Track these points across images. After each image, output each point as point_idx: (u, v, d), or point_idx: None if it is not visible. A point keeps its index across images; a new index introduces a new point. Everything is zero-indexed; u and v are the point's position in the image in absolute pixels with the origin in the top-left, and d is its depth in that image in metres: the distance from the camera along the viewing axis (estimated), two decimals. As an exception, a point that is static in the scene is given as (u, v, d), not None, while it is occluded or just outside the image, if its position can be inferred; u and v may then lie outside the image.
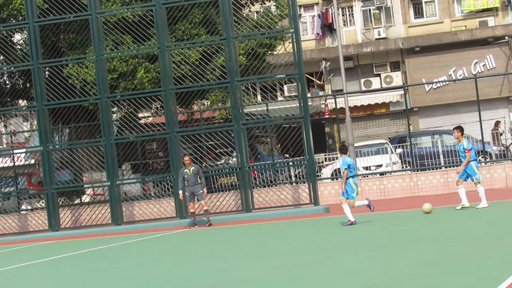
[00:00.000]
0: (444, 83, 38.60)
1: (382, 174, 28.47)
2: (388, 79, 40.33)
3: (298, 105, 24.90)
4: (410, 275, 10.15)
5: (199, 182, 23.03)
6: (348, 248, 14.13)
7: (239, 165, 24.96)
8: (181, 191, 23.25)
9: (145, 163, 32.93)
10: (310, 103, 33.77)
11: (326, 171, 29.36)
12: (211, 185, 28.79)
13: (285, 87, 40.10)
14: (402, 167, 30.00)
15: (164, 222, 25.54)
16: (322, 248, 14.66)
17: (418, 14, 40.96)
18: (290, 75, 27.53)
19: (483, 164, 27.44)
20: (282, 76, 29.64)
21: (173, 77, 25.85)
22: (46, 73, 28.55)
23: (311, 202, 24.60)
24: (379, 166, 29.42)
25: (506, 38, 38.94)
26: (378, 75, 40.65)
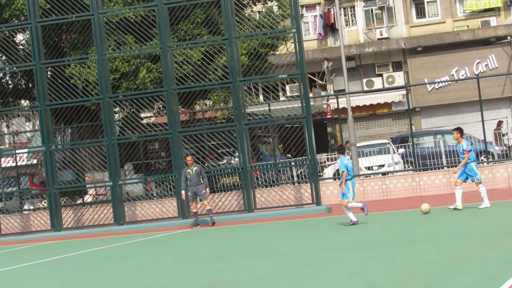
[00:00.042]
0: (446, 83, 38.59)
1: (384, 174, 28.48)
2: (390, 79, 40.33)
3: (300, 105, 24.90)
4: (412, 275, 10.15)
5: (202, 182, 23.04)
6: (350, 248, 14.12)
7: (241, 165, 24.97)
8: (183, 191, 23.27)
9: (147, 163, 32.94)
10: (312, 103, 33.79)
11: (328, 171, 29.37)
12: (213, 185, 28.78)
13: (287, 87, 40.10)
14: (404, 167, 30.00)
15: (166, 222, 25.55)
16: (324, 248, 14.65)
17: (420, 14, 40.95)
18: (292, 75, 27.51)
19: (486, 164, 27.44)
20: (284, 76, 29.61)
21: (175, 77, 25.86)
22: (48, 73, 28.55)
23: (313, 202, 24.61)
24: (381, 166, 29.42)
25: (508, 38, 38.93)
26: (380, 75, 40.65)
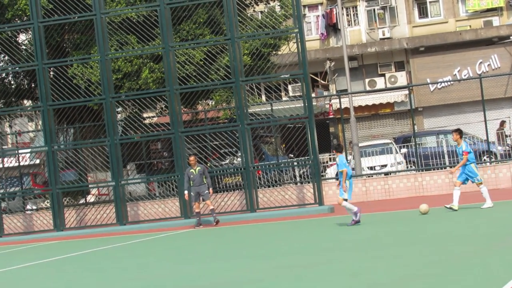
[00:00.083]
0: (448, 83, 38.56)
1: (386, 174, 28.47)
2: (392, 79, 40.31)
3: (303, 105, 24.88)
4: (415, 275, 10.14)
5: (205, 182, 23.03)
6: (352, 248, 14.12)
7: (244, 165, 24.96)
8: (186, 192, 23.25)
9: (149, 163, 32.96)
10: (314, 103, 33.79)
11: (331, 171, 29.34)
12: (216, 185, 28.79)
13: (289, 87, 40.10)
14: (407, 167, 29.98)
15: (168, 222, 25.55)
16: (326, 248, 14.65)
17: (423, 14, 40.93)
18: (294, 75, 27.52)
19: (488, 164, 27.43)
20: (286, 76, 29.63)
21: (177, 77, 25.86)
22: (51, 73, 28.59)
23: (316, 202, 24.59)
24: (384, 166, 29.41)
25: (511, 38, 38.88)
26: (382, 75, 40.63)
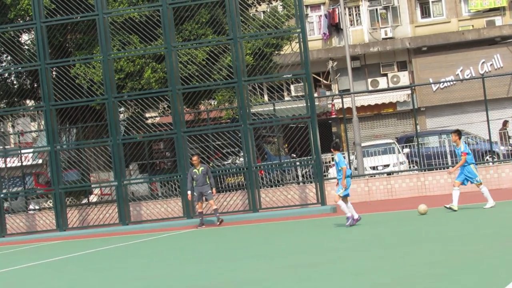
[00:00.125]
0: (451, 83, 38.55)
1: (389, 174, 28.46)
2: (395, 79, 40.30)
3: (305, 105, 24.88)
4: (418, 275, 10.13)
5: (208, 183, 23.03)
6: (355, 248, 14.11)
7: (246, 165, 24.96)
8: (189, 192, 23.25)
9: (152, 163, 32.96)
10: (317, 103, 33.76)
11: (333, 171, 29.25)
12: (218, 185, 28.79)
13: (292, 87, 40.10)
14: (410, 167, 29.98)
15: (171, 222, 25.56)
16: (329, 248, 14.64)
17: (425, 13, 40.92)
18: (297, 75, 27.52)
19: (491, 164, 27.41)
20: (289, 76, 29.62)
21: (180, 77, 25.86)
22: (54, 73, 28.59)
23: (318, 202, 24.59)
24: (386, 166, 29.41)
25: (514, 37, 38.89)
26: (385, 75, 40.63)
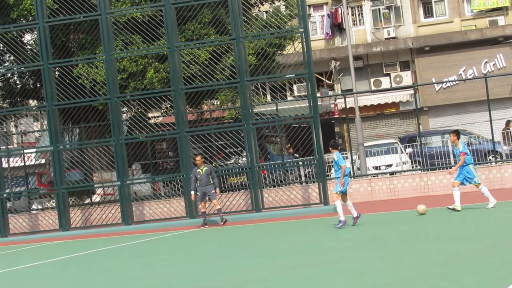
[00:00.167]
0: (454, 83, 38.52)
1: (392, 173, 28.45)
2: (398, 79, 40.28)
3: (308, 104, 24.88)
4: (420, 275, 10.14)
5: (211, 183, 23.03)
6: (357, 248, 14.11)
7: (249, 164, 24.97)
8: (193, 192, 23.23)
9: (155, 163, 32.98)
10: (319, 103, 33.78)
11: (336, 171, 29.31)
12: (221, 184, 28.79)
13: (294, 87, 40.10)
14: (412, 167, 29.96)
15: (174, 222, 25.57)
16: (331, 248, 14.64)
17: (428, 13, 40.89)
18: (299, 75, 27.51)
19: (494, 163, 27.39)
20: (291, 76, 29.62)
21: (182, 77, 25.88)
22: (56, 73, 28.62)
23: (321, 202, 24.60)
24: (389, 165, 29.40)
25: (516, 37, 38.86)
26: (387, 75, 40.61)
